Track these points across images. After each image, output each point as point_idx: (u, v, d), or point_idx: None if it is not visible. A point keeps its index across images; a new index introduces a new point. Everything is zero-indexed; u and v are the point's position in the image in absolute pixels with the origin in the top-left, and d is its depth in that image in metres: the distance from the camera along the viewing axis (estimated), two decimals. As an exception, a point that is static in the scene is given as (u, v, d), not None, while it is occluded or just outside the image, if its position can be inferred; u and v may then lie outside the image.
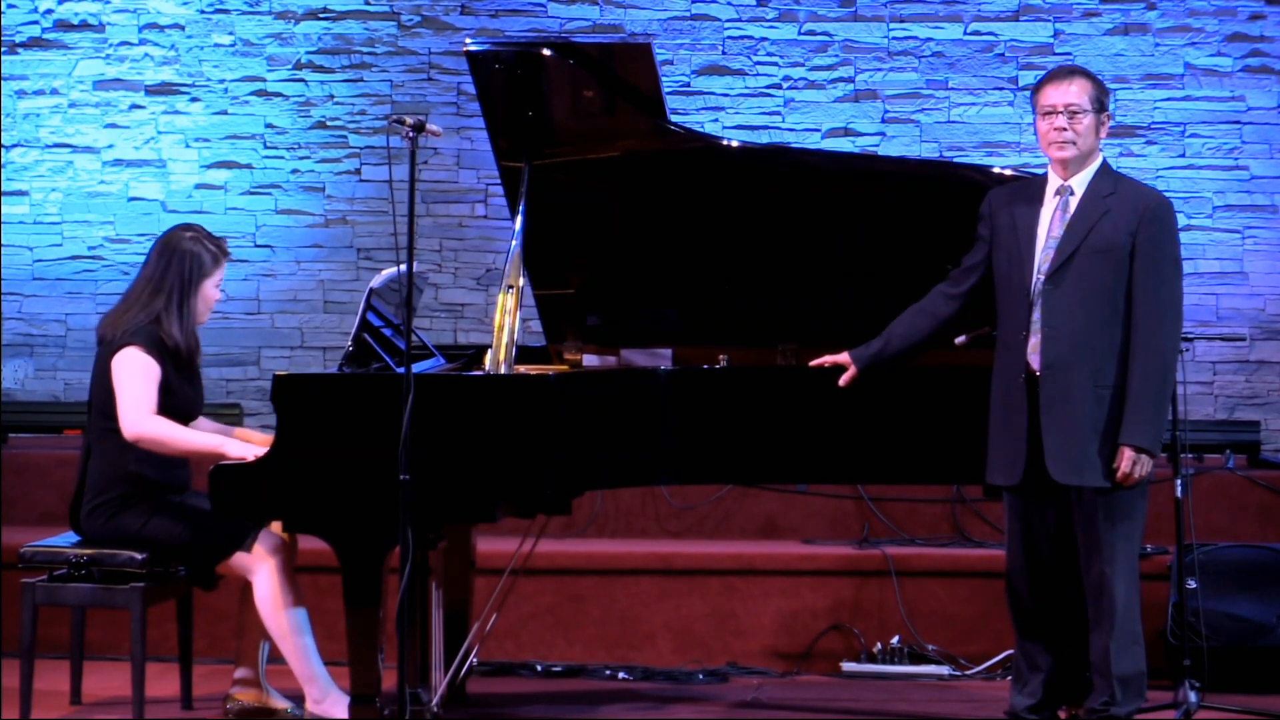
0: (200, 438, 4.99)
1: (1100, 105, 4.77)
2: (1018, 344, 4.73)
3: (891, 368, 4.95)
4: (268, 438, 4.94)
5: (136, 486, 5.05)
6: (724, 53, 7.57)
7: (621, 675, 5.91)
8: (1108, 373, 4.67)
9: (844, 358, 4.95)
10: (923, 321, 4.92)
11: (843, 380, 4.93)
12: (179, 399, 5.05)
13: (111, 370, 5.00)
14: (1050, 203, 4.79)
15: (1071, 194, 4.77)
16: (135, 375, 4.97)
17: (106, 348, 5.05)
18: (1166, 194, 7.33)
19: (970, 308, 4.92)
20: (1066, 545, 4.82)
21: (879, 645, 5.99)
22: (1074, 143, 4.74)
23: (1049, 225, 4.76)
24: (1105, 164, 4.82)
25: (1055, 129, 4.74)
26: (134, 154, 7.64)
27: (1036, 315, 4.71)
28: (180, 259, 5.09)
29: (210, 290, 5.13)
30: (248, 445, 4.88)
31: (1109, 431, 4.66)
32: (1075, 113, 4.74)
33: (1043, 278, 4.71)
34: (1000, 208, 4.84)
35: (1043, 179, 4.86)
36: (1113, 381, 4.67)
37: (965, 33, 7.51)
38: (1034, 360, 4.71)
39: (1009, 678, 5.55)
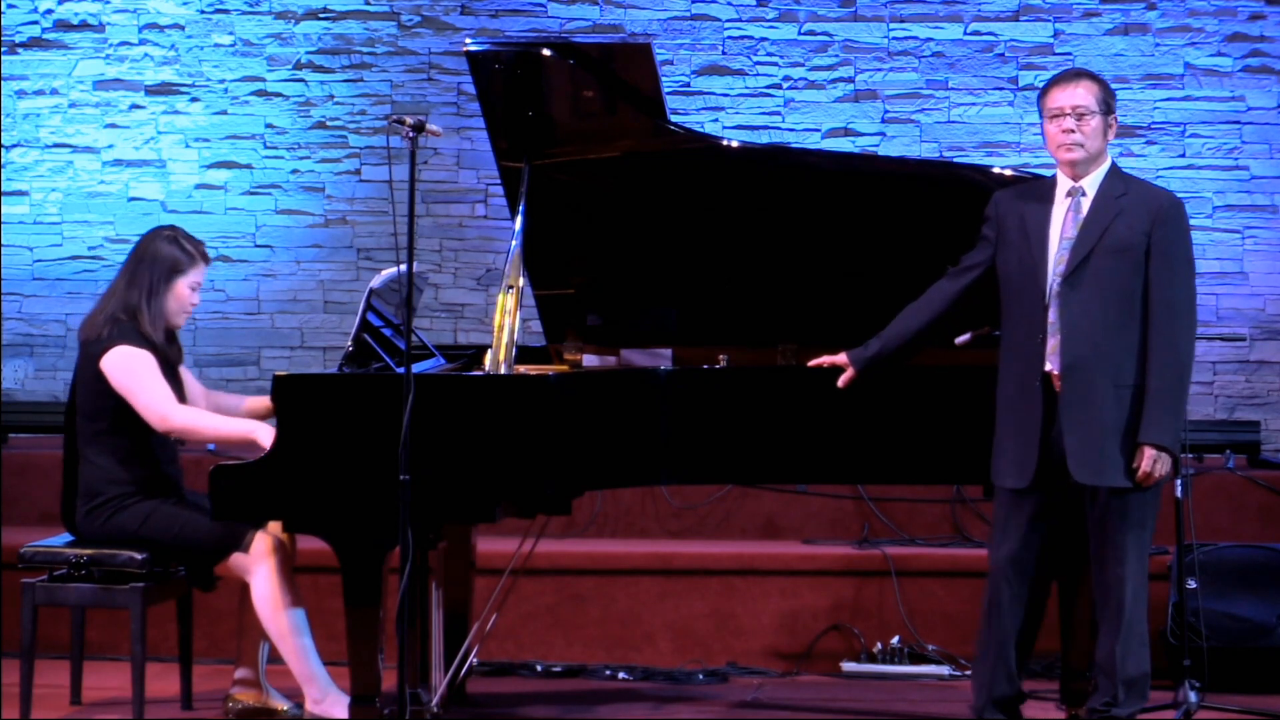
0: (231, 424, 4.99)
1: (1107, 107, 4.77)
2: (1032, 346, 4.71)
3: (890, 367, 4.95)
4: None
5: (131, 488, 5.04)
6: (724, 53, 7.57)
7: (621, 675, 5.91)
8: (1126, 373, 4.66)
9: (841, 359, 4.95)
10: (918, 320, 4.92)
11: (841, 381, 4.93)
12: None
13: (110, 376, 4.99)
14: (1062, 204, 4.78)
15: (1083, 195, 4.76)
16: (140, 371, 4.97)
17: (89, 350, 5.04)
18: (1167, 194, 7.40)
19: (966, 305, 4.91)
20: (1056, 548, 4.82)
21: (879, 645, 5.99)
22: (1082, 145, 4.74)
23: (1062, 226, 4.74)
24: (1115, 165, 4.82)
25: (1063, 131, 4.73)
26: (134, 154, 7.64)
27: (1053, 317, 4.69)
28: (155, 257, 5.09)
29: (184, 290, 5.11)
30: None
31: (1129, 431, 4.65)
32: (1083, 115, 4.73)
33: (1059, 279, 4.70)
34: (1008, 209, 4.83)
35: (1051, 180, 4.85)
36: (1132, 381, 4.66)
37: (965, 33, 7.51)
38: (1052, 362, 4.69)
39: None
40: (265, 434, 4.83)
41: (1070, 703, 5.03)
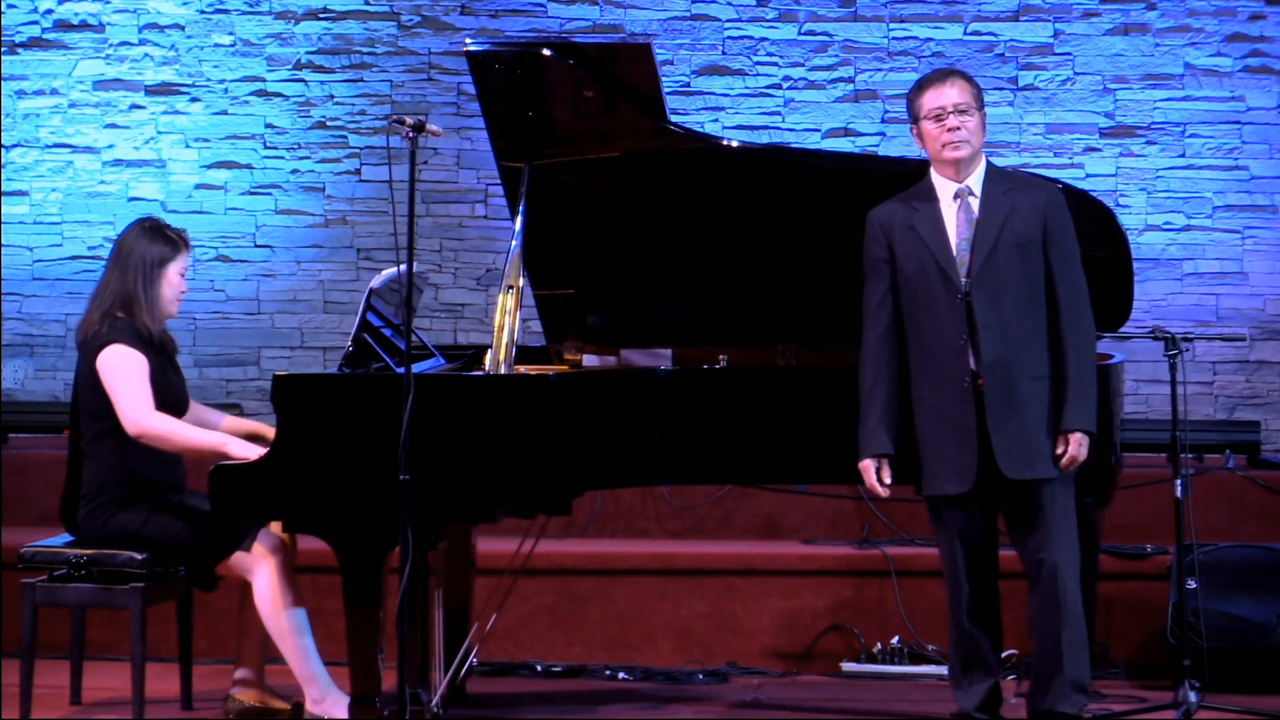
0: (204, 435, 4.99)
1: (981, 103, 4.78)
2: (955, 349, 4.68)
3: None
4: (267, 429, 4.96)
5: (134, 487, 5.05)
6: (724, 53, 7.57)
7: (621, 675, 5.91)
8: (1040, 364, 4.68)
9: (881, 472, 4.77)
10: (891, 381, 4.76)
11: (889, 483, 4.79)
12: (171, 389, 5.06)
13: (99, 371, 4.99)
14: (951, 205, 4.75)
15: (971, 194, 4.75)
16: (127, 372, 4.97)
17: (87, 350, 5.05)
18: (1166, 194, 7.41)
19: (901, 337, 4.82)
20: (992, 554, 4.84)
21: (879, 645, 5.99)
22: (968, 142, 4.73)
23: (956, 228, 4.73)
24: (989, 161, 4.82)
25: (949, 130, 4.71)
26: (134, 154, 7.64)
27: (971, 317, 4.68)
28: (139, 249, 5.09)
29: (174, 277, 5.12)
30: (251, 445, 4.88)
31: (1050, 421, 4.67)
32: (964, 112, 4.72)
33: (965, 280, 4.69)
34: (894, 223, 4.77)
35: (925, 185, 4.79)
36: (1046, 372, 4.68)
37: (965, 33, 7.51)
38: (975, 361, 4.68)
39: (1011, 677, 5.57)
40: (238, 448, 4.84)
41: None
